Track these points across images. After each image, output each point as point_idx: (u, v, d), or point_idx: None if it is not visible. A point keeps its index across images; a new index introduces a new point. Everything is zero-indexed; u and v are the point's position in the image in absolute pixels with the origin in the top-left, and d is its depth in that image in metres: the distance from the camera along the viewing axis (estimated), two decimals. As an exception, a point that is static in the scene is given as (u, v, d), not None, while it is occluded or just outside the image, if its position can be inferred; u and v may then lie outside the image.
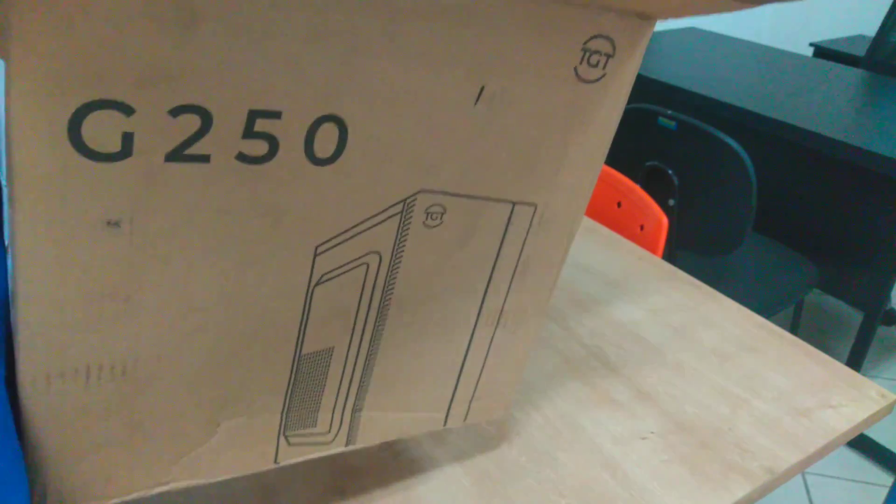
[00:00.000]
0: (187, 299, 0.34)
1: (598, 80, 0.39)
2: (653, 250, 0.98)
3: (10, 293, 0.31)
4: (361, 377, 0.44)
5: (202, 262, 0.33)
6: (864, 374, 0.70)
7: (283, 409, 0.42)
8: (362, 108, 0.33)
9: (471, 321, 0.46)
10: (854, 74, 1.88)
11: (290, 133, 0.32)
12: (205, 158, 0.30)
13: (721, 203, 1.37)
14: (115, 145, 0.28)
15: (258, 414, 0.41)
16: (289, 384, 0.41)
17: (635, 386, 0.67)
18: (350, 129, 0.33)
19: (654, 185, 1.47)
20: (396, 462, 0.57)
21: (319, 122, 0.32)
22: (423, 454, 0.58)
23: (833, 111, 1.58)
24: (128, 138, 0.28)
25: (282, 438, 0.44)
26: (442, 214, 0.40)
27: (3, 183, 0.29)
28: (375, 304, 0.41)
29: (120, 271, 0.31)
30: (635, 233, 1.08)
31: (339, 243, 0.37)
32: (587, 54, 0.38)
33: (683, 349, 0.72)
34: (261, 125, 0.31)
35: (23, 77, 0.25)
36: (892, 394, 0.67)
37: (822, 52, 2.59)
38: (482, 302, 0.45)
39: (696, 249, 1.48)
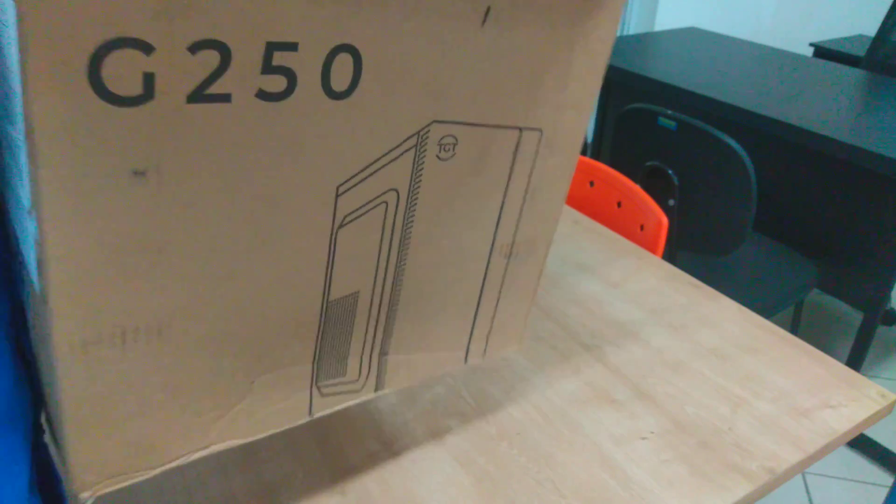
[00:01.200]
0: (216, 245, 0.33)
1: (602, 2, 0.39)
2: (653, 250, 0.98)
3: (32, 261, 0.30)
4: (387, 320, 0.43)
5: (228, 205, 0.33)
6: (864, 374, 0.70)
7: (315, 359, 0.42)
8: (374, 34, 0.33)
9: (485, 253, 0.46)
10: (854, 74, 1.88)
11: (308, 66, 0.31)
12: (226, 98, 0.30)
13: (721, 203, 1.37)
14: (137, 87, 0.27)
15: (290, 366, 0.41)
16: (318, 332, 0.41)
17: (635, 386, 0.67)
18: (364, 59, 0.33)
19: (654, 185, 1.47)
20: (396, 462, 0.57)
21: (334, 52, 0.32)
22: (423, 454, 0.58)
23: (833, 111, 1.58)
24: (149, 79, 0.27)
25: (314, 389, 0.43)
26: (454, 145, 0.40)
27: (15, 137, 0.27)
28: (396, 243, 0.41)
29: (150, 222, 0.30)
30: (635, 233, 1.08)
31: (359, 182, 0.37)
32: None
33: (683, 349, 0.72)
34: (278, 59, 0.30)
35: (35, 19, 0.23)
36: (892, 394, 0.67)
37: (822, 52, 2.59)
38: (495, 232, 0.45)
39: (696, 249, 1.47)
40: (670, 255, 1.50)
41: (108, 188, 0.28)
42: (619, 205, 1.14)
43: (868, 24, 3.17)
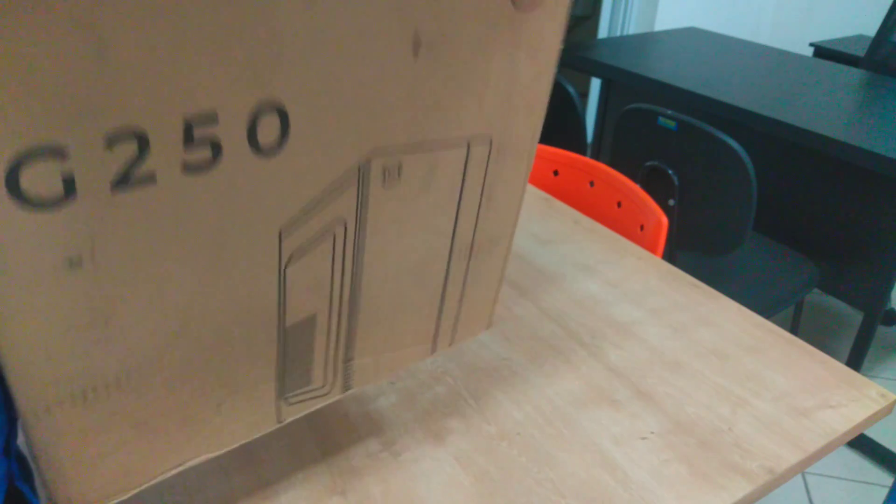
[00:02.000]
0: (163, 308, 0.34)
1: (534, 8, 0.39)
2: (653, 250, 0.98)
3: None
4: (348, 332, 0.45)
5: (169, 273, 0.33)
6: (864, 374, 0.70)
7: (278, 377, 0.43)
8: (298, 87, 0.32)
9: (444, 256, 0.46)
10: (854, 74, 1.88)
11: (231, 131, 0.31)
12: (151, 179, 0.30)
13: (721, 203, 1.37)
14: (57, 191, 0.27)
15: (255, 386, 0.42)
16: (279, 355, 0.42)
17: (635, 386, 0.67)
18: (290, 113, 0.33)
19: (654, 185, 1.47)
20: (396, 462, 0.57)
21: (258, 111, 0.32)
22: (423, 454, 0.58)
23: (833, 111, 1.58)
24: (69, 181, 0.27)
25: (281, 402, 0.45)
26: (399, 170, 0.40)
27: None
28: (349, 266, 0.41)
29: (92, 302, 0.32)
30: (635, 233, 1.08)
31: (301, 222, 0.37)
32: None
33: (683, 349, 0.72)
34: (199, 132, 0.30)
35: None
36: (892, 394, 0.67)
37: (822, 52, 2.59)
38: (452, 238, 0.46)
39: (696, 249, 1.48)
40: (670, 255, 1.50)
41: (46, 278, 0.29)
42: (619, 205, 1.14)
43: (868, 24, 3.17)
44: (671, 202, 1.45)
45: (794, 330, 1.63)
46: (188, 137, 0.30)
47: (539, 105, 0.44)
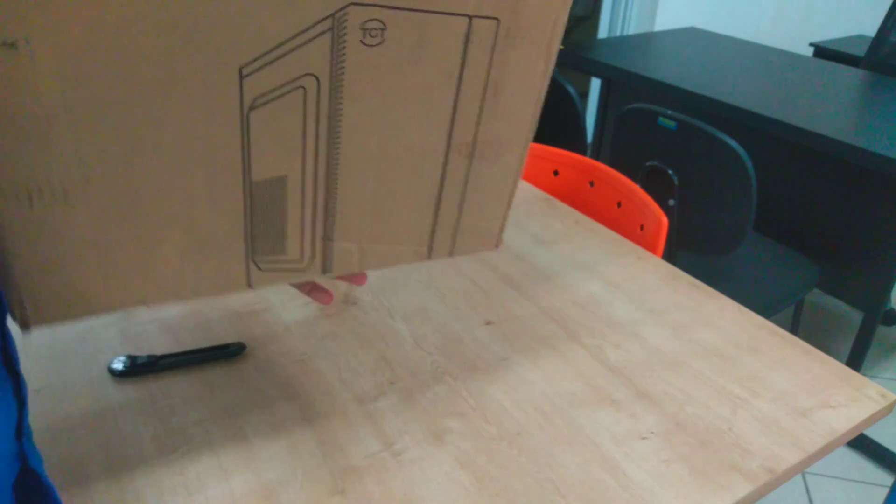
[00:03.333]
0: (112, 121, 0.34)
1: None
2: (653, 250, 0.98)
3: None
4: (326, 205, 0.43)
5: (118, 82, 0.32)
6: (864, 374, 0.70)
7: (246, 235, 0.42)
8: None
9: (440, 150, 0.44)
10: (854, 74, 1.88)
11: None
12: None
13: (721, 203, 1.37)
14: None
15: (221, 241, 0.41)
16: (246, 209, 0.41)
17: (635, 386, 0.67)
18: None
19: (654, 185, 1.47)
20: (396, 462, 0.57)
21: None
22: (423, 454, 0.58)
23: (833, 111, 1.58)
24: None
25: (251, 263, 0.43)
26: (382, 31, 0.38)
27: None
28: (324, 129, 0.40)
29: (32, 94, 0.31)
30: (635, 233, 1.08)
31: (265, 64, 0.36)
32: None
33: (683, 349, 0.72)
34: None
35: None
36: (892, 394, 0.67)
37: (822, 52, 2.59)
38: (451, 129, 0.43)
39: (696, 249, 1.47)
40: (670, 255, 1.50)
41: None
42: (619, 205, 1.14)
43: (868, 24, 3.17)
44: (671, 202, 1.45)
45: (794, 330, 1.63)
46: None
47: None
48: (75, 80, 0.32)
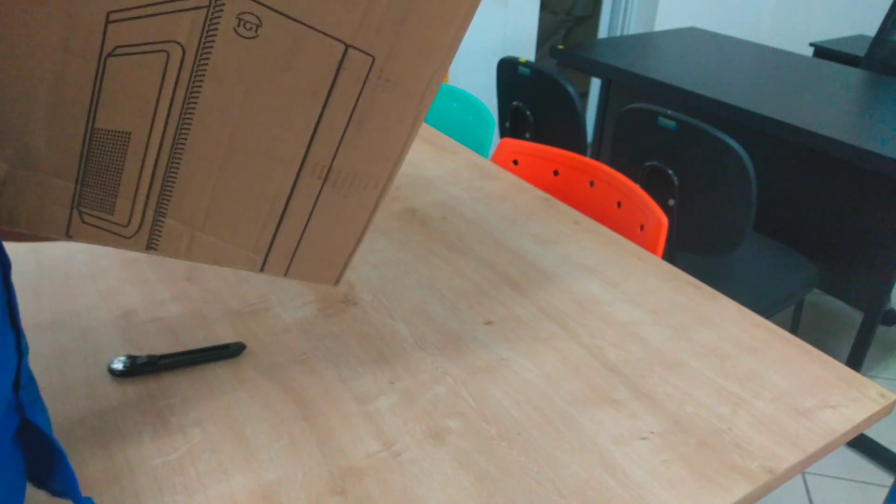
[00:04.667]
0: None
1: None
2: (653, 250, 0.98)
3: None
4: (164, 177, 0.43)
5: None
6: (864, 374, 0.70)
7: (77, 179, 0.42)
8: None
9: (294, 161, 0.45)
10: (854, 74, 1.88)
11: None
12: None
13: (721, 203, 1.37)
14: None
15: (51, 174, 0.41)
16: (82, 153, 0.41)
17: (635, 386, 0.67)
18: None
19: (654, 185, 1.47)
20: (396, 462, 0.57)
21: None
22: (423, 454, 0.58)
23: (833, 111, 1.58)
24: None
25: (75, 211, 0.43)
26: (257, 27, 0.39)
27: None
28: (179, 100, 0.40)
29: None
30: (635, 233, 1.08)
31: (134, 17, 0.37)
32: None
33: (683, 349, 0.72)
34: None
35: None
36: (892, 394, 0.67)
37: (822, 52, 2.59)
38: (308, 146, 0.44)
39: (696, 249, 1.47)
40: (670, 255, 1.50)
41: None
42: (619, 205, 1.14)
43: (868, 24, 3.17)
44: (671, 202, 1.45)
45: (794, 330, 1.63)
46: None
47: (440, 50, 0.42)
48: None
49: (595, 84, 2.94)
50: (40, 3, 0.35)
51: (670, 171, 1.42)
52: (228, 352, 0.68)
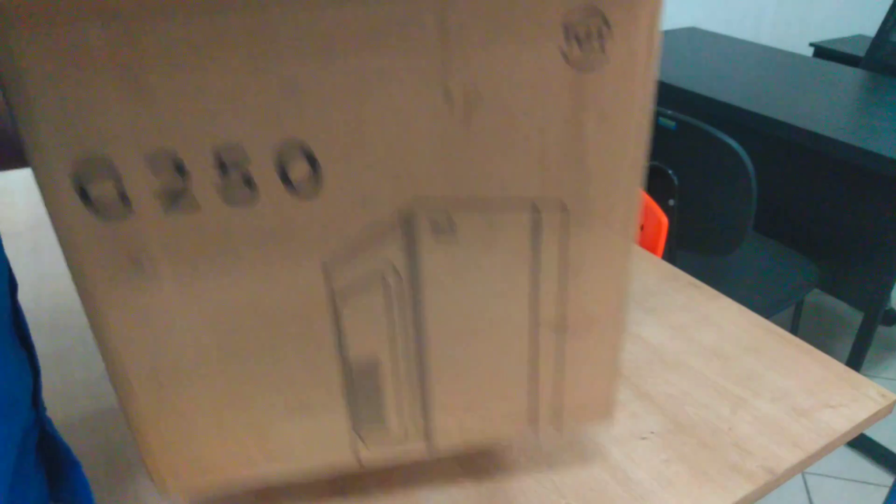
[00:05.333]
0: (213, 312, 0.39)
1: (597, 67, 0.37)
2: (653, 250, 0.98)
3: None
4: (420, 383, 0.45)
5: (217, 282, 0.38)
6: (864, 374, 0.70)
7: (349, 404, 0.45)
8: (320, 128, 0.35)
9: (525, 326, 0.45)
10: (854, 74, 1.88)
11: (262, 168, 0.35)
12: (196, 207, 0.35)
13: (721, 203, 1.37)
14: (117, 204, 0.34)
15: (322, 407, 0.44)
16: (344, 387, 0.44)
17: (635, 386, 0.67)
18: (319, 155, 0.35)
19: (654, 185, 1.47)
20: (396, 462, 0.57)
21: (284, 151, 0.35)
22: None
23: (833, 111, 1.58)
24: (123, 196, 0.34)
25: (356, 438, 0.46)
26: (451, 225, 0.39)
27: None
28: (409, 314, 0.42)
29: (155, 298, 0.37)
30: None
31: (346, 259, 0.39)
32: (572, 31, 0.35)
33: (683, 349, 0.72)
34: (229, 159, 0.34)
35: (33, 149, 0.32)
36: (892, 394, 0.67)
37: (822, 52, 2.59)
38: (534, 306, 0.44)
39: (696, 249, 1.47)
40: (670, 255, 1.50)
41: (116, 276, 0.36)
42: (619, 205, 1.14)
43: (868, 24, 3.17)
44: (671, 202, 1.45)
45: (794, 330, 1.63)
46: (220, 166, 0.34)
47: (620, 174, 0.41)
48: (187, 284, 0.38)
49: (595, 84, 2.93)
50: (268, 279, 0.39)
51: (670, 171, 1.42)
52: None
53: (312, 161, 0.35)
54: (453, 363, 0.45)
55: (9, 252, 0.86)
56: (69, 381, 0.65)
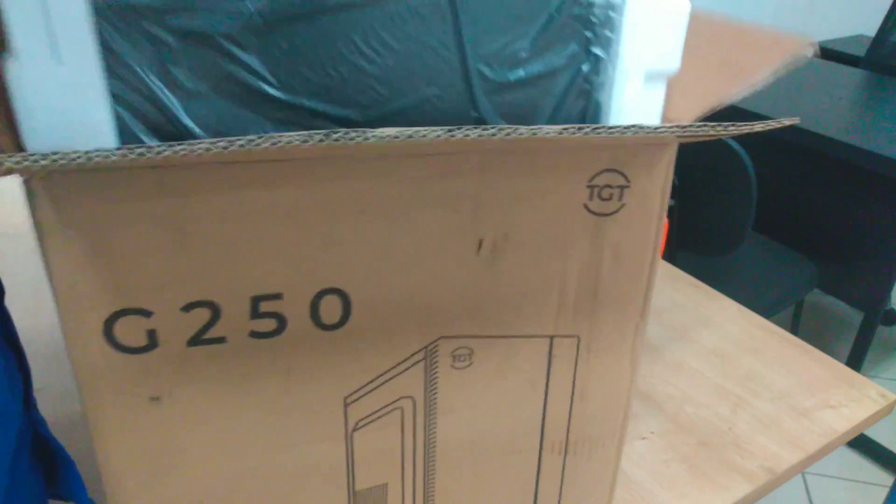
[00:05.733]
0: (230, 448, 0.38)
1: (615, 211, 0.39)
2: (653, 250, 0.98)
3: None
4: (425, 502, 0.46)
5: (236, 418, 0.38)
6: (864, 374, 0.70)
7: None
8: (360, 277, 0.35)
9: (533, 451, 0.46)
10: (854, 74, 1.88)
11: (295, 310, 0.35)
12: (221, 340, 0.35)
13: (721, 203, 1.37)
14: (142, 340, 0.33)
15: None
16: None
17: (635, 386, 0.67)
18: (352, 297, 0.36)
19: (654, 185, 1.47)
20: (396, 462, 0.57)
21: (321, 295, 0.35)
22: (423, 454, 0.58)
23: (833, 111, 1.58)
24: (152, 334, 0.33)
25: None
26: (470, 355, 0.40)
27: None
28: (420, 441, 0.43)
29: (169, 432, 0.37)
30: (635, 233, 1.07)
31: (366, 393, 0.39)
32: (596, 190, 0.38)
33: (683, 349, 0.72)
34: (265, 306, 0.35)
35: (65, 295, 0.31)
36: (892, 394, 0.67)
37: (822, 51, 2.59)
38: (542, 432, 0.45)
39: (696, 249, 1.47)
40: (670, 255, 1.50)
41: (133, 408, 0.35)
42: (619, 205, 1.14)
43: (868, 24, 3.17)
44: (671, 202, 1.45)
45: (794, 330, 1.63)
46: (255, 310, 0.35)
47: (631, 304, 0.42)
48: (203, 421, 0.37)
49: (595, 84, 2.93)
50: (288, 416, 0.38)
51: (670, 171, 1.42)
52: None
53: (346, 302, 0.36)
54: (459, 484, 0.46)
55: (8, 252, 0.85)
56: (69, 382, 0.65)
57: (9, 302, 0.41)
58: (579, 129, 0.32)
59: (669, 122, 0.38)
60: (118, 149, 0.26)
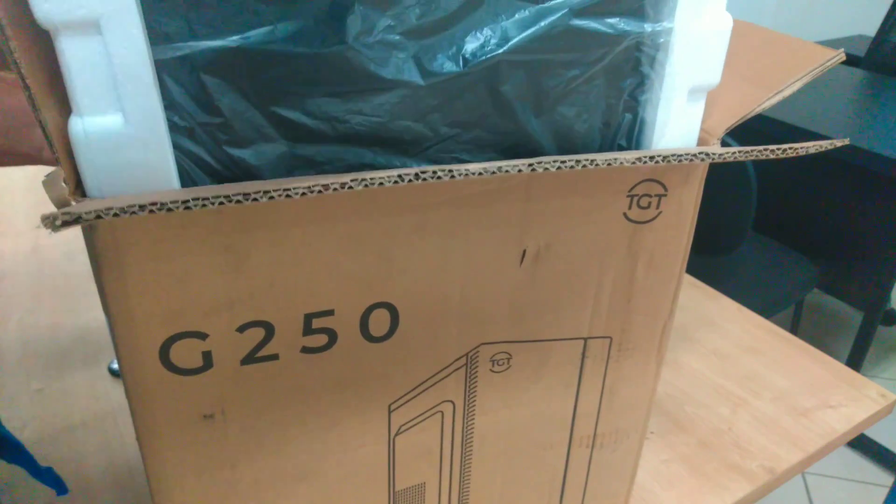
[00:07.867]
0: (284, 460, 0.39)
1: (652, 219, 0.40)
2: (653, 250, 0.98)
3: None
4: (460, 500, 0.47)
5: (289, 431, 0.39)
6: (864, 374, 0.70)
7: None
8: (408, 291, 0.36)
9: (563, 444, 0.47)
10: (854, 74, 1.88)
11: (346, 324, 0.36)
12: (274, 357, 0.36)
13: (721, 203, 1.37)
14: (197, 361, 0.34)
15: None
16: None
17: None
18: (400, 311, 0.37)
19: (654, 185, 1.47)
20: (396, 462, 0.57)
21: (371, 308, 0.36)
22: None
23: (833, 111, 1.58)
24: (207, 355, 0.34)
25: None
26: (508, 359, 0.42)
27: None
28: (458, 442, 0.44)
29: (223, 449, 0.38)
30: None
31: (409, 399, 0.40)
32: (635, 199, 0.39)
33: (683, 349, 0.72)
34: (318, 323, 0.35)
35: (120, 322, 0.32)
36: (892, 394, 0.67)
37: (822, 52, 2.58)
38: (572, 427, 0.47)
39: (696, 249, 1.47)
40: (670, 255, 1.50)
41: (186, 427, 0.36)
42: (619, 205, 1.14)
43: (868, 24, 3.17)
44: (671, 202, 1.45)
45: (794, 330, 1.63)
46: (307, 327, 0.35)
47: (661, 310, 0.44)
48: (255, 434, 0.38)
49: (595, 84, 2.93)
50: (335, 425, 0.39)
51: (670, 171, 1.42)
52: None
53: (394, 315, 0.37)
54: (493, 482, 0.47)
55: (8, 252, 0.85)
56: (69, 381, 0.65)
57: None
58: (626, 159, 0.33)
59: (708, 136, 0.40)
60: (184, 201, 0.27)
